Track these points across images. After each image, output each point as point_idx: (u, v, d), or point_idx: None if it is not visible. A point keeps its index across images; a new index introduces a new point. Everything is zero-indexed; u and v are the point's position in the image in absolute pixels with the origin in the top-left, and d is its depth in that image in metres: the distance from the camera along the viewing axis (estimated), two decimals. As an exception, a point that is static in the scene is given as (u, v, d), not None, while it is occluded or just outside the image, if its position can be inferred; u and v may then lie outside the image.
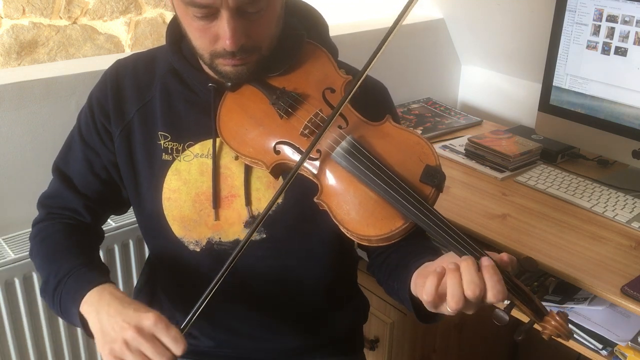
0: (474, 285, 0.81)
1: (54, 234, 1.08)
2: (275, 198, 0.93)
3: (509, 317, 0.86)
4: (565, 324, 0.87)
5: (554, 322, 0.86)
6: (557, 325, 0.86)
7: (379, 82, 1.15)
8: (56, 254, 1.05)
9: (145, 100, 1.08)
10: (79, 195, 1.10)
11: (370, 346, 1.61)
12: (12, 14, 2.62)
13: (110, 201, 1.14)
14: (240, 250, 0.90)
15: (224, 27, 0.92)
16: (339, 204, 0.94)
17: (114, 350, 0.87)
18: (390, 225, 0.91)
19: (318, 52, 1.07)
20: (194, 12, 0.92)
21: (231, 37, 0.92)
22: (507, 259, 0.87)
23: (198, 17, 0.93)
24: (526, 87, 2.00)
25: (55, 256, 1.05)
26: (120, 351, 0.87)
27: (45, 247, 1.08)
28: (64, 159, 1.13)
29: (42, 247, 1.08)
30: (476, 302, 0.82)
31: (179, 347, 0.86)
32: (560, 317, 0.86)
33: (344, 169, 0.95)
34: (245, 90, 1.04)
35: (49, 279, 1.02)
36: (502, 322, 0.86)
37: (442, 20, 2.12)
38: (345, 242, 1.09)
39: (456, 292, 0.81)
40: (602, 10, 1.51)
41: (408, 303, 0.98)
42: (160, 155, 1.07)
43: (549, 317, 0.87)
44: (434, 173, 0.93)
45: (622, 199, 1.47)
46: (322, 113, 0.99)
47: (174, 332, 0.87)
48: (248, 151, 1.00)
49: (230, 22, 0.91)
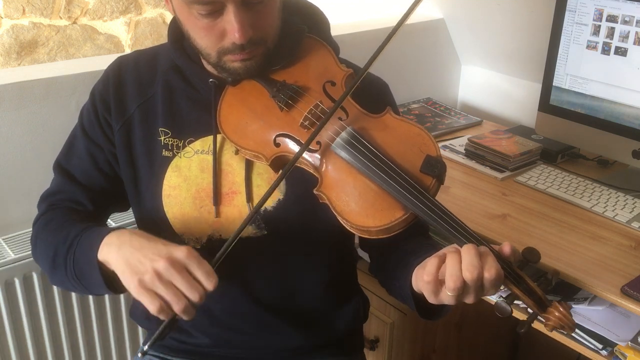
0: (473, 267, 0.81)
1: (57, 217, 1.07)
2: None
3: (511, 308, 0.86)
4: (569, 315, 0.86)
5: (557, 313, 0.86)
6: (561, 317, 0.86)
7: (381, 78, 1.15)
8: (63, 226, 1.02)
9: (146, 97, 1.08)
10: (82, 188, 1.10)
11: (370, 346, 1.61)
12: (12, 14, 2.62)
13: (114, 196, 1.13)
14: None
15: (231, 21, 0.92)
16: (339, 195, 0.93)
17: (144, 282, 0.84)
18: (390, 216, 0.91)
19: (319, 46, 1.07)
20: (199, 9, 0.92)
21: (240, 30, 0.92)
22: (508, 248, 0.87)
23: (203, 14, 0.93)
24: (526, 87, 2.00)
25: (61, 228, 1.02)
26: (151, 282, 0.83)
27: (50, 227, 1.05)
28: (66, 156, 1.12)
29: (45, 230, 1.06)
30: (474, 285, 0.82)
31: (211, 282, 0.83)
32: (563, 307, 0.86)
33: (344, 160, 0.95)
34: (245, 84, 1.04)
35: (58, 248, 0.99)
36: (504, 314, 0.86)
37: (442, 20, 2.12)
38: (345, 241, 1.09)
39: (455, 272, 0.81)
40: (602, 10, 1.51)
41: (410, 299, 0.98)
42: (160, 151, 1.07)
43: (552, 308, 0.87)
44: (434, 163, 0.93)
45: (622, 199, 1.47)
46: (322, 105, 0.99)
47: (207, 267, 0.84)
48: (248, 144, 1.00)
49: (237, 14, 0.92)
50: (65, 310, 1.44)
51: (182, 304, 0.83)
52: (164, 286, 0.83)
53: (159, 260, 0.84)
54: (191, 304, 0.84)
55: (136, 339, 1.59)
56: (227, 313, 1.13)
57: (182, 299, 0.83)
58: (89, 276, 0.94)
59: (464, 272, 0.81)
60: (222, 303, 1.11)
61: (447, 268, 0.82)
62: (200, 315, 1.13)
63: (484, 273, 0.81)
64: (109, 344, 1.56)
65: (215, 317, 1.13)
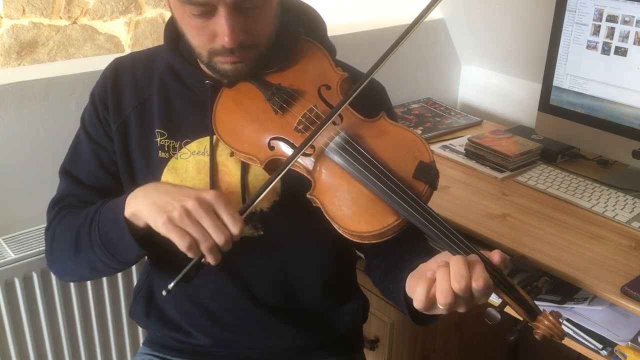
0: (460, 276, 0.80)
1: (71, 212, 1.06)
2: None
3: (501, 315, 0.86)
4: (559, 325, 0.86)
5: (547, 322, 0.86)
6: (550, 325, 0.86)
7: (377, 81, 1.15)
8: (79, 212, 1.03)
9: (143, 98, 1.09)
10: (91, 189, 1.10)
11: (370, 346, 1.61)
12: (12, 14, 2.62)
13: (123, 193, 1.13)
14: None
15: (222, 24, 0.92)
16: (332, 199, 0.93)
17: (173, 219, 0.85)
18: (383, 222, 0.91)
19: (315, 49, 1.07)
20: (191, 9, 0.92)
21: (230, 34, 0.92)
22: (498, 256, 0.87)
23: (195, 15, 0.93)
24: (526, 87, 2.00)
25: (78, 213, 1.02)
26: (180, 219, 0.84)
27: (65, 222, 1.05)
28: (71, 161, 1.12)
29: (62, 223, 1.05)
30: (464, 295, 0.81)
31: (237, 226, 0.85)
32: (553, 317, 0.86)
33: (337, 164, 0.95)
34: (241, 86, 1.04)
35: (80, 227, 0.99)
36: (493, 321, 0.86)
37: (442, 20, 2.12)
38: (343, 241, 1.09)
39: (445, 287, 0.81)
40: (602, 10, 1.51)
41: (403, 305, 0.97)
42: (157, 152, 1.07)
43: (541, 317, 0.87)
44: (427, 169, 0.93)
45: (622, 199, 1.47)
46: (317, 109, 0.99)
47: (233, 211, 0.86)
48: (243, 147, 1.00)
49: (228, 18, 0.91)
50: (65, 310, 1.44)
51: (209, 242, 0.84)
52: (192, 224, 0.84)
53: (187, 200, 0.85)
54: (217, 246, 0.85)
55: (136, 339, 1.59)
56: (227, 313, 1.13)
57: (209, 238, 0.84)
58: (118, 239, 0.94)
59: (453, 282, 0.81)
60: (222, 303, 1.11)
61: (437, 284, 0.82)
62: (199, 315, 1.14)
63: (471, 283, 0.81)
64: (109, 344, 1.56)
65: (215, 317, 1.13)
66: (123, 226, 0.92)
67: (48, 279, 1.39)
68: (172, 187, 0.90)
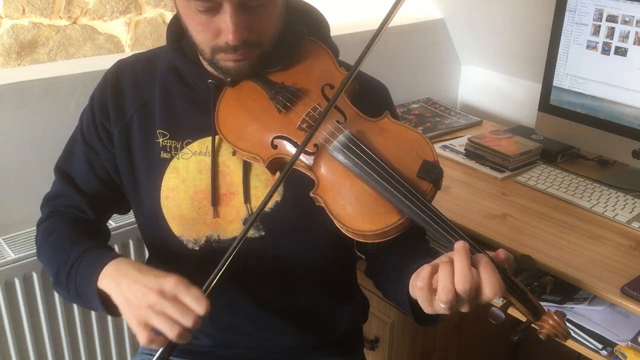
0: (465, 278, 0.79)
1: (59, 228, 1.09)
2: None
3: (505, 315, 0.85)
4: (563, 324, 0.86)
5: (552, 322, 0.86)
6: (555, 325, 0.85)
7: (379, 81, 1.15)
8: (64, 243, 1.06)
9: (144, 100, 1.08)
10: (82, 194, 1.11)
11: (370, 346, 1.61)
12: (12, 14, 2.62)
13: (112, 200, 1.14)
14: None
15: (226, 21, 0.92)
16: (335, 198, 0.93)
17: (140, 316, 0.88)
18: (386, 221, 0.90)
19: (318, 49, 1.07)
20: (196, 5, 0.92)
21: (234, 32, 0.92)
22: (503, 256, 0.87)
23: (200, 10, 0.93)
24: (526, 87, 2.00)
25: (63, 246, 1.05)
26: (146, 315, 0.87)
27: (52, 240, 1.08)
28: (66, 159, 1.13)
29: (48, 241, 1.09)
30: (468, 297, 0.80)
31: (201, 306, 0.86)
32: (558, 316, 0.86)
33: (341, 163, 0.94)
34: (244, 85, 1.04)
35: (60, 268, 1.02)
36: (497, 321, 0.85)
37: (442, 20, 2.12)
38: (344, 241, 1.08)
39: (447, 284, 0.80)
40: (602, 10, 1.51)
41: (406, 305, 0.97)
42: (159, 153, 1.07)
43: (546, 317, 0.87)
44: (431, 168, 0.92)
45: (622, 199, 1.47)
46: (321, 107, 0.99)
47: (196, 292, 0.87)
48: (246, 146, 1.00)
49: (233, 15, 0.92)
50: (65, 310, 1.45)
51: (175, 330, 0.86)
52: (157, 318, 0.87)
53: (149, 294, 0.88)
54: (185, 329, 0.86)
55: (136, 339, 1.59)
56: (227, 313, 1.13)
57: (175, 326, 0.86)
58: (90, 300, 0.98)
59: (456, 284, 0.80)
60: (222, 303, 1.11)
61: (439, 280, 0.81)
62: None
63: (483, 288, 0.80)
64: (109, 344, 1.56)
65: (215, 317, 1.13)
66: (95, 294, 0.96)
67: (48, 279, 1.39)
68: (139, 275, 0.92)
